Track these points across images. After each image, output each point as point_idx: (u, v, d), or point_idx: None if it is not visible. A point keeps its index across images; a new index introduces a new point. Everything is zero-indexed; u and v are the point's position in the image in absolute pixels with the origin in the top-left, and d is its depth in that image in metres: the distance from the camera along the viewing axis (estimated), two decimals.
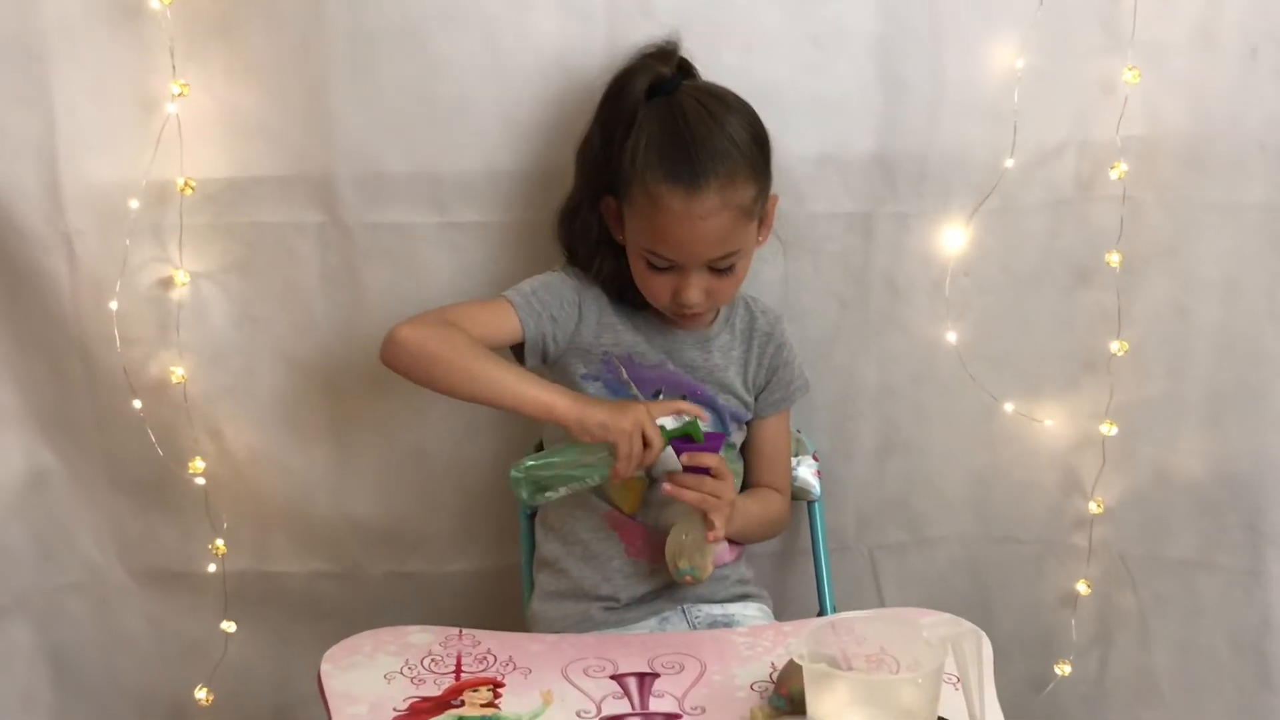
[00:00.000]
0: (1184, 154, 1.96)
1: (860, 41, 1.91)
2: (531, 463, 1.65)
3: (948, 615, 1.64)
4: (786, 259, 1.98)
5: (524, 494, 1.65)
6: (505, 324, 1.73)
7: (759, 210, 1.74)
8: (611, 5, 1.85)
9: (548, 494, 1.66)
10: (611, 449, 1.62)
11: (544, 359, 1.79)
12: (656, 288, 1.73)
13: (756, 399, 1.88)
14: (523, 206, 1.91)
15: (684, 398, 1.77)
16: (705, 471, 1.68)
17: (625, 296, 1.80)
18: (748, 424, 1.89)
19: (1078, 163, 1.98)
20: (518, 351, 1.77)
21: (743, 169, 1.68)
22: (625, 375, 1.78)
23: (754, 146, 1.71)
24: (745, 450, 1.90)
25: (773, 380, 1.89)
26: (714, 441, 1.72)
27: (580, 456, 1.64)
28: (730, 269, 1.72)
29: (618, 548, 1.80)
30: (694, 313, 1.75)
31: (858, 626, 1.42)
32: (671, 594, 1.82)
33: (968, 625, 1.50)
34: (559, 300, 1.77)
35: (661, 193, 1.66)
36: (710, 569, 1.73)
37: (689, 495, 1.67)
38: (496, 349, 1.72)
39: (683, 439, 1.69)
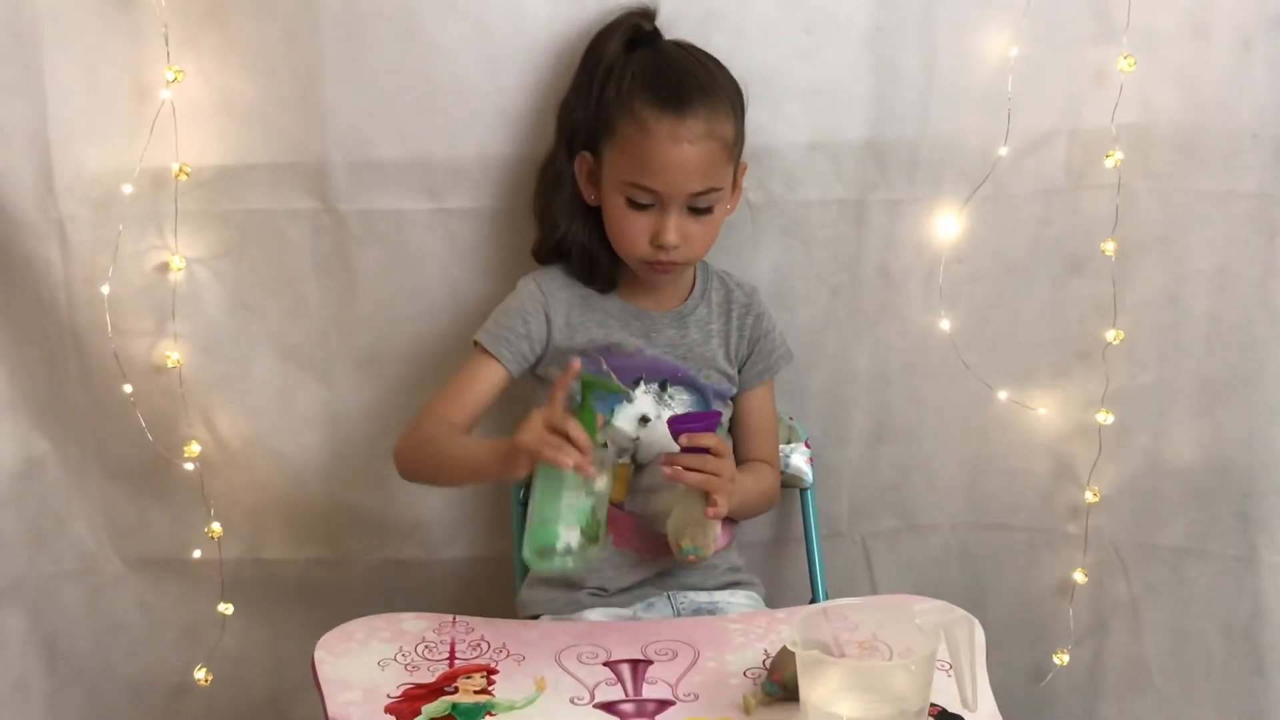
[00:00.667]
0: (1176, 143, 1.96)
1: (853, 28, 1.91)
2: (526, 534, 1.57)
3: (940, 602, 1.63)
4: (778, 245, 1.98)
5: (539, 563, 1.56)
6: (486, 373, 1.77)
7: (737, 155, 1.77)
8: None
9: (558, 546, 1.53)
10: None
11: (533, 370, 1.81)
12: (635, 231, 1.73)
13: (740, 371, 1.88)
14: (515, 193, 1.90)
15: (665, 381, 1.79)
16: (704, 451, 1.66)
17: (594, 270, 1.81)
18: (733, 399, 1.89)
19: (1069, 151, 1.98)
20: None
21: (725, 104, 1.73)
22: (605, 365, 1.78)
23: (734, 92, 1.76)
24: (733, 426, 1.90)
25: (755, 351, 1.89)
26: (711, 420, 1.71)
27: (543, 484, 1.55)
28: (709, 211, 1.74)
29: (605, 539, 1.80)
30: (670, 261, 1.75)
31: (850, 613, 1.42)
32: (659, 582, 1.82)
33: (960, 612, 1.50)
34: (522, 317, 1.78)
35: (648, 117, 1.69)
36: (713, 547, 1.72)
37: (692, 478, 1.65)
38: (499, 397, 1.77)
39: (681, 418, 1.68)
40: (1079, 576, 2.13)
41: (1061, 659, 2.16)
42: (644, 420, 1.79)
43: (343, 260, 1.94)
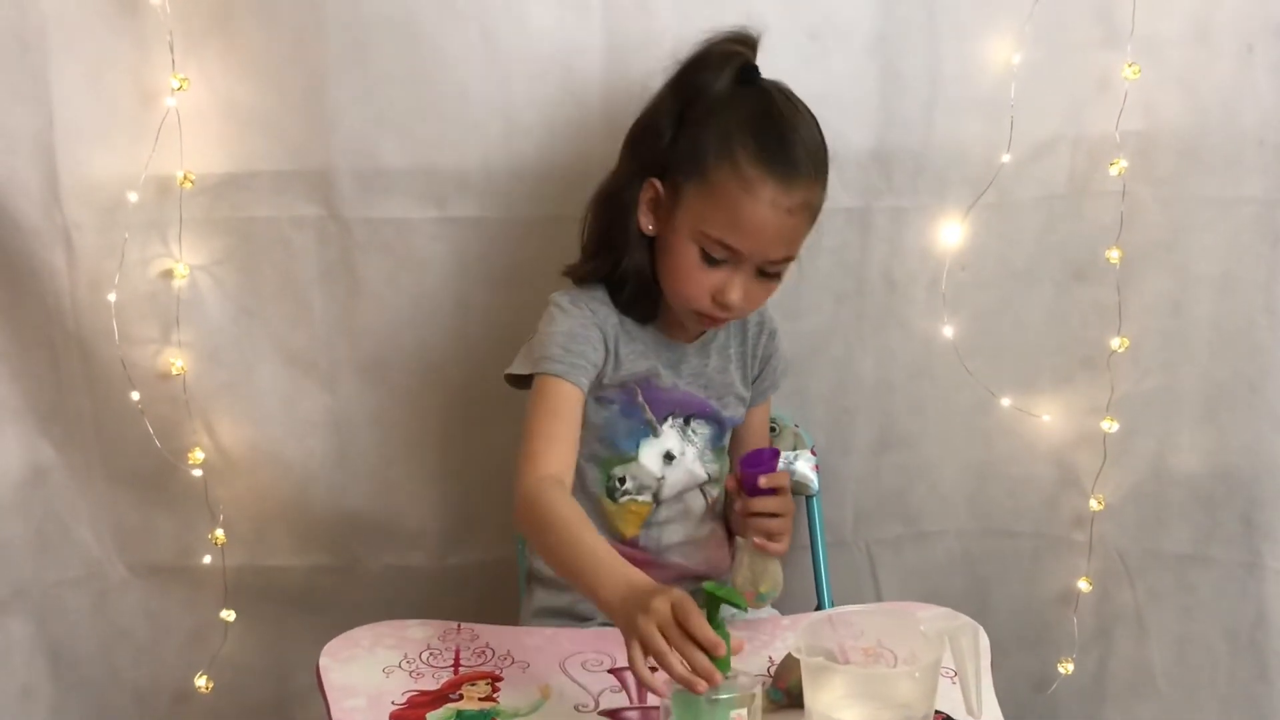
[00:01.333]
0: (1180, 149, 1.97)
1: (857, 35, 1.91)
2: None
3: (945, 609, 1.65)
4: None
5: None
6: (572, 402, 1.64)
7: (815, 219, 1.69)
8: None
9: None
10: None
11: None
12: (699, 284, 1.64)
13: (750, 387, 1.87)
14: (520, 202, 1.91)
15: (689, 416, 1.76)
16: (772, 491, 1.61)
17: (643, 302, 1.72)
18: None
19: (1073, 158, 1.98)
20: None
21: (823, 174, 1.65)
22: (640, 398, 1.73)
23: (827, 156, 1.67)
24: (733, 441, 1.87)
25: (764, 370, 1.86)
26: (775, 458, 1.66)
27: (676, 708, 1.32)
28: (777, 276, 1.67)
29: None
30: (724, 317, 1.68)
31: (855, 620, 1.42)
32: None
33: (964, 618, 1.51)
34: (590, 343, 1.68)
35: (754, 177, 1.58)
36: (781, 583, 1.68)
37: (774, 524, 1.60)
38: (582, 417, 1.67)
39: (750, 460, 1.63)
40: (1083, 585, 2.13)
41: (1066, 668, 2.16)
42: (669, 457, 1.76)
43: (347, 268, 1.94)
